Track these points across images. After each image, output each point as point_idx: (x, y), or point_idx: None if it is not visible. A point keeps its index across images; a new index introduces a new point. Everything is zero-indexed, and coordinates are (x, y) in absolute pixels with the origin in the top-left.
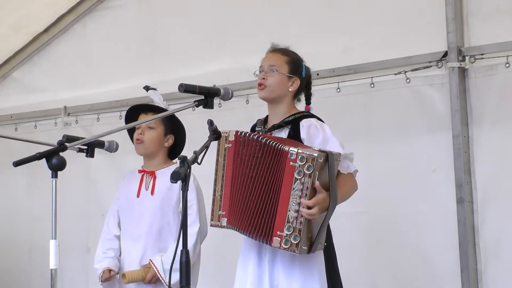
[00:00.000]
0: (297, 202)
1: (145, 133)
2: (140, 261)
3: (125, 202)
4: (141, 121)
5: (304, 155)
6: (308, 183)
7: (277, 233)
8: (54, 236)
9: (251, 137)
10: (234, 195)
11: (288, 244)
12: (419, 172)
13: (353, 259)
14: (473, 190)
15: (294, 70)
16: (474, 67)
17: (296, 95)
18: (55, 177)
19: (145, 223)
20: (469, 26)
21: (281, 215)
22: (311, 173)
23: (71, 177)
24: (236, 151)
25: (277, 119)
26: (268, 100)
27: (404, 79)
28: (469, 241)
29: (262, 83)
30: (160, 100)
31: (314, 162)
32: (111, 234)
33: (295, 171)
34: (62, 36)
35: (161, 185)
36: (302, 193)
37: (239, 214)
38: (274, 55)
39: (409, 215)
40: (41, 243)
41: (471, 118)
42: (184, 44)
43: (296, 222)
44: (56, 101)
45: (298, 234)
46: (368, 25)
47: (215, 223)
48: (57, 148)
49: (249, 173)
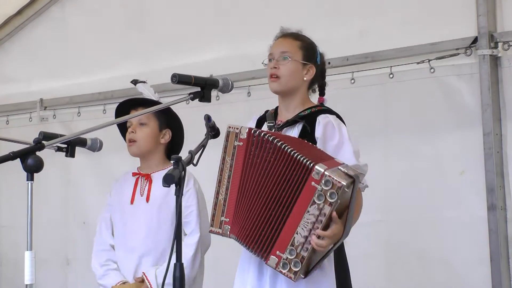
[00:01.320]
0: (308, 228)
1: (136, 131)
2: (134, 274)
3: (118, 210)
4: (127, 116)
5: (331, 180)
6: (326, 211)
7: (276, 252)
8: (30, 247)
9: (266, 137)
10: (240, 201)
11: (286, 269)
12: (444, 174)
13: (369, 274)
14: (507, 195)
15: (309, 56)
16: (508, 55)
17: (310, 85)
18: (31, 180)
19: (140, 233)
20: (502, 8)
21: (286, 235)
22: (333, 202)
23: (48, 180)
24: (247, 151)
25: (289, 112)
26: (281, 93)
27: (428, 69)
28: (502, 254)
29: (274, 73)
30: (151, 94)
31: (340, 191)
32: (106, 244)
33: (315, 194)
34: (37, 19)
35: (158, 191)
36: (317, 220)
37: (243, 223)
38: (285, 40)
39: (433, 223)
40: (12, 256)
41: (505, 113)
42: (177, 29)
43: (302, 249)
44: (31, 93)
45: (300, 261)
46: (386, 7)
47: (215, 229)
48: (33, 147)
49: (259, 178)
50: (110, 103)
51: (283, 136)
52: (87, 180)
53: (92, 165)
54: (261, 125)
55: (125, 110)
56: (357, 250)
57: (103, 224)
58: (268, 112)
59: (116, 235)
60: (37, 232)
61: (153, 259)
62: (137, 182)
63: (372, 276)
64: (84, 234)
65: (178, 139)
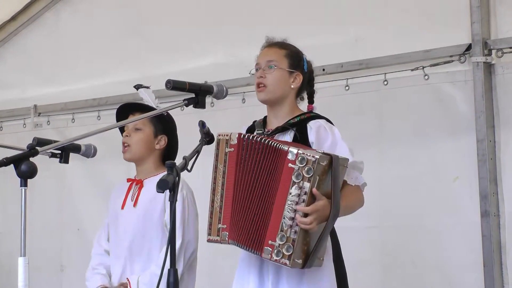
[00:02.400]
0: (293, 209)
1: (131, 135)
2: (119, 280)
3: (112, 215)
4: (122, 122)
5: (305, 156)
6: (306, 188)
7: (269, 242)
8: (23, 253)
9: (255, 139)
10: (236, 206)
11: (279, 256)
12: (438, 181)
13: (364, 279)
14: (500, 201)
15: (295, 64)
16: (501, 62)
17: (298, 93)
18: (25, 186)
19: (126, 238)
20: (496, 16)
21: (274, 223)
22: (311, 177)
23: (42, 186)
24: (239, 157)
25: (278, 121)
26: (269, 102)
27: (422, 76)
28: (495, 260)
29: (261, 82)
30: (151, 99)
31: (315, 165)
32: (101, 249)
33: (293, 174)
34: (31, 25)
35: (145, 196)
36: (300, 198)
37: (239, 227)
38: (271, 49)
39: (427, 230)
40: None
41: (498, 120)
42: (172, 35)
43: (291, 232)
44: (25, 99)
45: (291, 245)
46: (381, 14)
47: (213, 238)
48: (27, 152)
49: (251, 181)
50: (105, 109)
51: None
52: (81, 186)
53: (86, 171)
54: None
55: (125, 115)
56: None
57: (102, 229)
58: (256, 121)
59: (110, 240)
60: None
61: (138, 264)
62: (130, 188)
63: (367, 282)
64: (79, 240)
65: (175, 145)
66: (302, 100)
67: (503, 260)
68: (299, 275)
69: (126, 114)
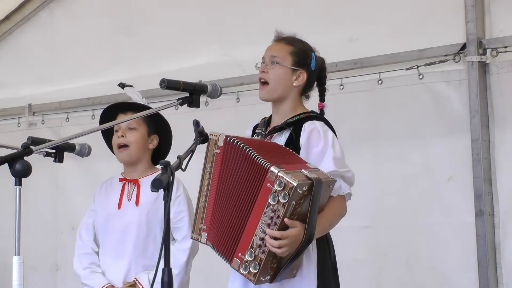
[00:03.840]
0: (263, 230)
1: (127, 135)
2: (123, 280)
3: (104, 215)
4: (120, 120)
5: (283, 180)
6: (280, 212)
7: (239, 255)
8: (18, 252)
9: (239, 145)
10: (216, 209)
11: (246, 271)
12: (433, 180)
13: (358, 279)
14: (494, 201)
15: (300, 62)
16: (496, 62)
17: (303, 91)
18: (19, 185)
19: (130, 238)
20: (491, 15)
21: (246, 238)
22: (286, 203)
23: (37, 185)
24: (224, 159)
25: (280, 119)
26: (270, 101)
27: (416, 75)
28: (489, 260)
29: (262, 78)
30: (138, 98)
31: (292, 192)
32: (88, 248)
33: (270, 196)
34: (25, 24)
35: (146, 196)
36: (272, 221)
37: (216, 231)
38: (277, 44)
39: (421, 229)
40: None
41: (493, 119)
42: (166, 34)
43: (259, 251)
44: (19, 98)
45: (258, 264)
46: (375, 13)
47: (195, 236)
48: (21, 151)
49: (231, 186)
50: (99, 108)
51: (259, 143)
52: (76, 186)
53: (81, 170)
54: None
55: (111, 115)
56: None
57: (84, 229)
58: (263, 119)
59: (102, 241)
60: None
61: (143, 264)
62: (124, 187)
63: (360, 282)
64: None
65: (165, 145)
66: (307, 99)
67: (498, 259)
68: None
69: (114, 114)
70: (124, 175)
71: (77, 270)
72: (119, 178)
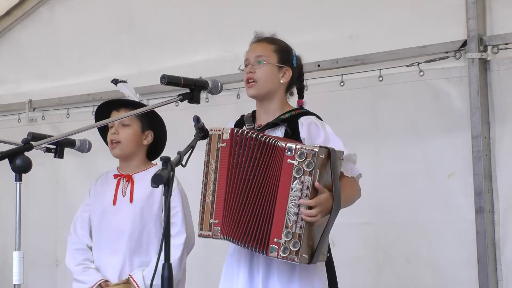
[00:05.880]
0: (296, 204)
1: (119, 131)
2: (119, 276)
3: (99, 211)
4: (117, 117)
5: (304, 150)
6: (308, 182)
7: (274, 240)
8: (18, 247)
9: (250, 135)
10: (228, 202)
11: (286, 252)
12: (433, 177)
13: (357, 276)
14: (494, 198)
15: (284, 59)
16: (497, 59)
17: (288, 88)
18: (19, 180)
19: (124, 234)
20: (492, 12)
21: (278, 220)
22: (312, 171)
23: (37, 181)
24: (231, 152)
25: (268, 116)
26: (259, 97)
27: (417, 72)
28: (489, 257)
29: (251, 78)
30: (132, 94)
31: (315, 158)
32: (83, 243)
33: (294, 169)
34: (25, 20)
35: (141, 191)
36: (302, 193)
37: (235, 223)
38: (259, 45)
39: (421, 226)
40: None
41: (493, 116)
42: (166, 30)
43: (296, 227)
44: (20, 94)
45: (298, 240)
46: (376, 10)
47: (205, 233)
48: (21, 147)
49: (246, 176)
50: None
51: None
52: (76, 181)
53: (81, 166)
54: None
55: (105, 112)
56: (345, 252)
57: (78, 223)
58: (245, 115)
59: (96, 236)
60: (26, 234)
61: (137, 260)
62: (118, 183)
63: (360, 278)
64: None
65: (161, 141)
66: (291, 96)
67: (497, 256)
68: (290, 270)
69: (108, 111)
70: (119, 170)
71: (69, 265)
72: (114, 174)
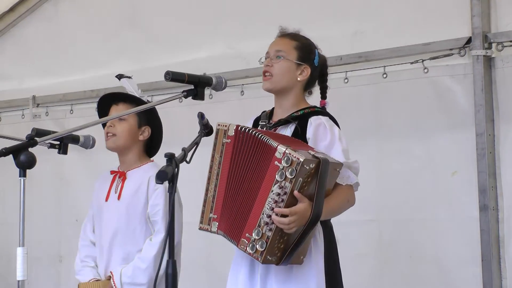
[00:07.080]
0: (272, 207)
1: (115, 125)
2: (104, 272)
3: (96, 207)
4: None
5: (290, 157)
6: (288, 189)
7: (246, 235)
8: (22, 243)
9: (251, 133)
10: (227, 197)
11: (253, 250)
12: (437, 175)
13: (361, 273)
14: (499, 196)
15: (304, 57)
16: (501, 56)
17: (307, 86)
18: (23, 176)
19: (110, 231)
20: (496, 9)
21: (254, 217)
22: (293, 179)
23: (41, 177)
24: (234, 148)
25: (283, 113)
26: (274, 92)
27: (421, 69)
28: (493, 254)
29: (267, 71)
30: (134, 89)
31: (299, 167)
32: (88, 240)
33: (278, 173)
34: (30, 16)
35: (129, 189)
36: (279, 198)
37: (227, 218)
38: (282, 39)
39: (425, 224)
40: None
41: (498, 114)
42: (171, 27)
43: (266, 228)
44: (24, 90)
45: (265, 242)
46: (381, 7)
47: (204, 226)
48: (25, 143)
49: (243, 174)
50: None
51: (271, 133)
52: (80, 177)
53: (85, 162)
54: (257, 124)
55: (106, 106)
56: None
57: (87, 220)
58: (264, 112)
59: (95, 232)
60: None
61: (120, 257)
62: (114, 179)
63: (363, 275)
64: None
65: (158, 137)
66: (310, 94)
67: (501, 254)
68: (287, 271)
69: (108, 105)
70: (119, 167)
71: (75, 263)
72: (111, 170)
